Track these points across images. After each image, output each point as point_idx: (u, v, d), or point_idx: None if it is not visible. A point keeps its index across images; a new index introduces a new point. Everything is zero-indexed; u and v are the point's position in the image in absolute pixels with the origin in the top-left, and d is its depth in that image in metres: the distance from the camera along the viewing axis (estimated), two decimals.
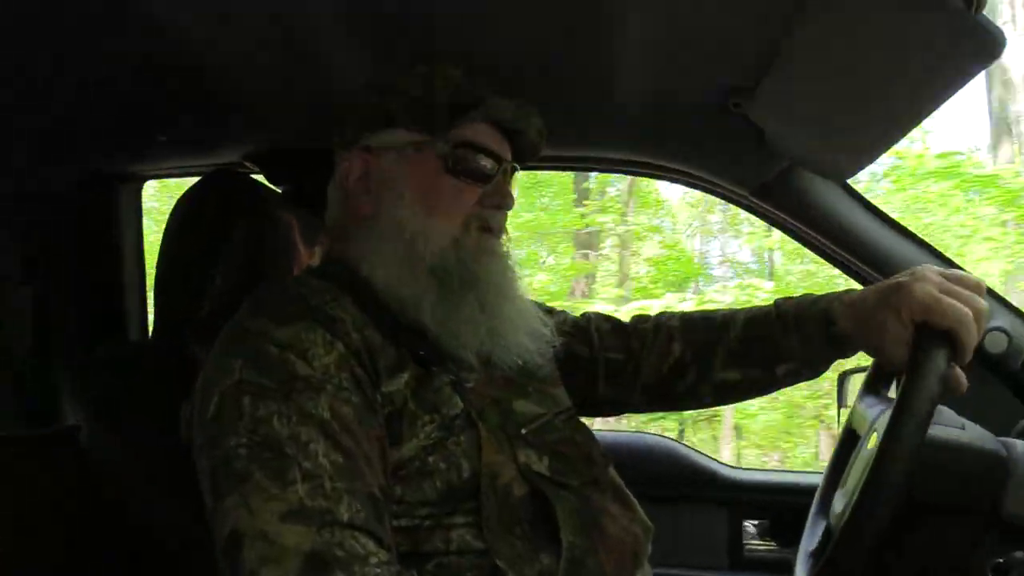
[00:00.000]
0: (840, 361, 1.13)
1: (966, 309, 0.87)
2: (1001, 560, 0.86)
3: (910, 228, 1.38)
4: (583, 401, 1.12)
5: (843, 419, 1.99)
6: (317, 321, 0.84)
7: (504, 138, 1.00)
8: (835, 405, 1.51)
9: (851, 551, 0.80)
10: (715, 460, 1.63)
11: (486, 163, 0.96)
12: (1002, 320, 1.29)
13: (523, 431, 0.93)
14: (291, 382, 0.80)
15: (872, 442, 1.09)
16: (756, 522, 1.54)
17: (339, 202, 1.00)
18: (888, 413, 1.08)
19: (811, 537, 1.08)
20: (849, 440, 1.24)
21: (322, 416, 0.78)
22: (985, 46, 0.85)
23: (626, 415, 1.28)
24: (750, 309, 1.13)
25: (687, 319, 1.17)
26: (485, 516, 0.84)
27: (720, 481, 1.59)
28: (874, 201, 1.39)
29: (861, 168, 1.26)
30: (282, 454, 0.76)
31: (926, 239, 1.38)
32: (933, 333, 0.87)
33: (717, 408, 6.63)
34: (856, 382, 1.95)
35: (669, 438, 1.82)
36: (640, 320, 1.21)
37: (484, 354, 0.95)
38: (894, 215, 1.39)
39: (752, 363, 1.10)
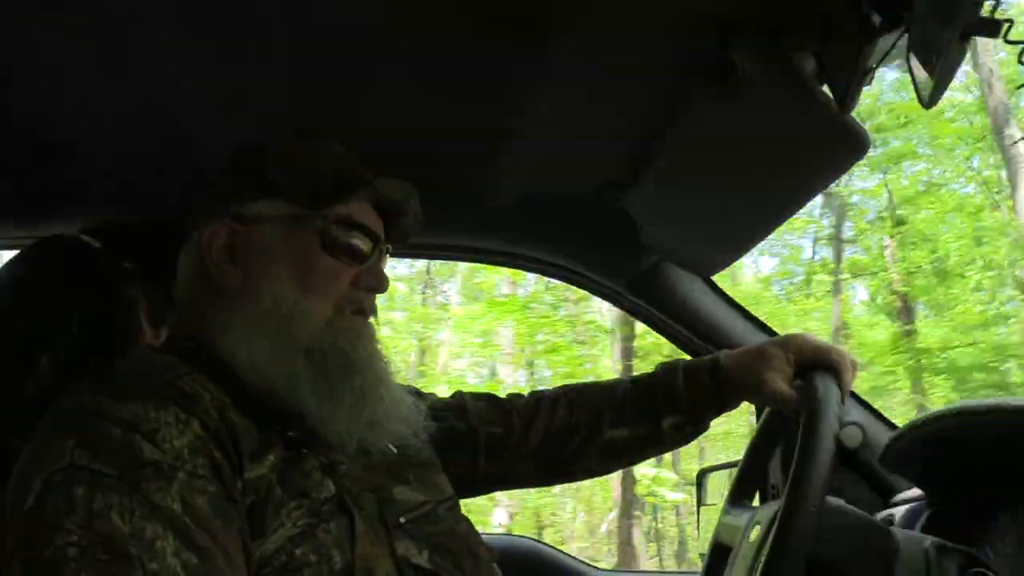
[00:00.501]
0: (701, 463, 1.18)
1: (846, 352, 1.00)
2: None
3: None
4: (464, 480, 1.07)
5: (703, 518, 2.01)
6: (168, 398, 0.74)
7: (379, 219, 0.96)
8: None
9: None
10: (585, 562, 1.58)
11: (363, 243, 0.91)
12: (857, 415, 1.35)
13: (402, 520, 0.85)
14: (136, 469, 0.68)
15: (755, 534, 1.09)
16: None
17: (194, 273, 0.90)
18: (768, 507, 1.10)
19: None
20: (718, 554, 1.24)
21: (172, 508, 0.68)
22: (855, 144, 0.90)
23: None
24: (633, 375, 1.16)
25: (570, 387, 1.17)
26: None
27: None
28: None
29: (729, 263, 1.30)
30: (122, 555, 0.64)
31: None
32: (824, 370, 0.94)
33: None
34: (714, 480, 1.98)
35: (533, 539, 1.75)
36: (516, 396, 1.18)
37: (361, 441, 0.87)
38: None
39: (639, 418, 1.10)
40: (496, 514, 8.73)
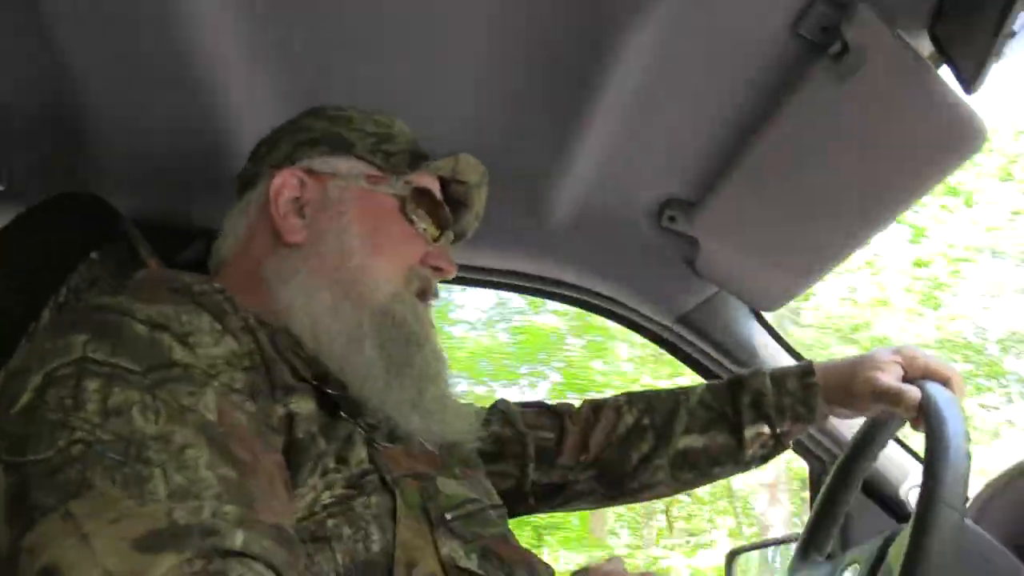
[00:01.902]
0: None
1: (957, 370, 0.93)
2: None
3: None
4: (513, 494, 0.98)
5: None
6: (202, 306, 0.64)
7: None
8: None
9: None
10: None
11: (439, 218, 0.88)
12: None
13: (448, 516, 0.72)
14: (164, 368, 0.57)
15: (851, 573, 0.96)
16: None
17: (252, 227, 0.83)
18: (865, 545, 0.98)
19: None
20: None
21: (206, 416, 0.56)
22: (972, 134, 0.85)
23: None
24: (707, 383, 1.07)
25: (636, 393, 1.07)
26: None
27: None
28: None
29: (794, 295, 1.23)
30: (142, 459, 0.52)
31: None
32: (939, 382, 0.86)
33: None
34: (745, 562, 1.84)
35: None
36: (567, 404, 1.09)
37: (409, 424, 0.77)
38: None
39: (718, 426, 1.00)
40: None
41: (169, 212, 1.14)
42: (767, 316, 1.32)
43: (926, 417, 0.80)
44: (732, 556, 1.85)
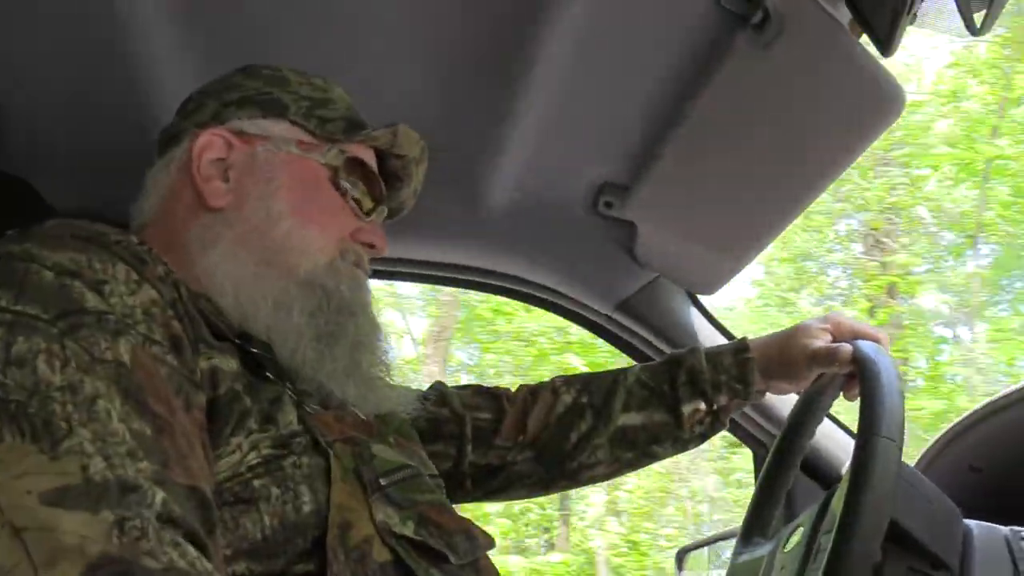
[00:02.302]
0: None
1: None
2: None
3: None
4: (450, 477, 0.96)
5: None
6: (116, 255, 0.60)
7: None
8: None
9: None
10: None
11: (372, 192, 0.84)
12: None
13: (383, 482, 0.69)
14: (74, 315, 0.53)
15: (796, 537, 0.96)
16: None
17: (171, 190, 0.78)
18: (810, 509, 0.98)
19: None
20: None
21: (121, 362, 0.53)
22: (891, 99, 0.87)
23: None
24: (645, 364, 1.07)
25: (573, 375, 1.06)
26: None
27: None
28: None
29: (731, 276, 1.24)
30: (47, 410, 0.48)
31: None
32: (872, 343, 0.85)
33: None
34: (694, 561, 1.83)
35: None
36: (504, 388, 1.07)
37: (346, 394, 0.75)
38: None
39: (655, 403, 1.00)
40: None
41: (97, 200, 1.09)
42: (704, 301, 1.33)
43: (859, 366, 0.81)
44: (681, 555, 1.85)
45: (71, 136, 1.04)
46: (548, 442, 1.00)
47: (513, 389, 1.07)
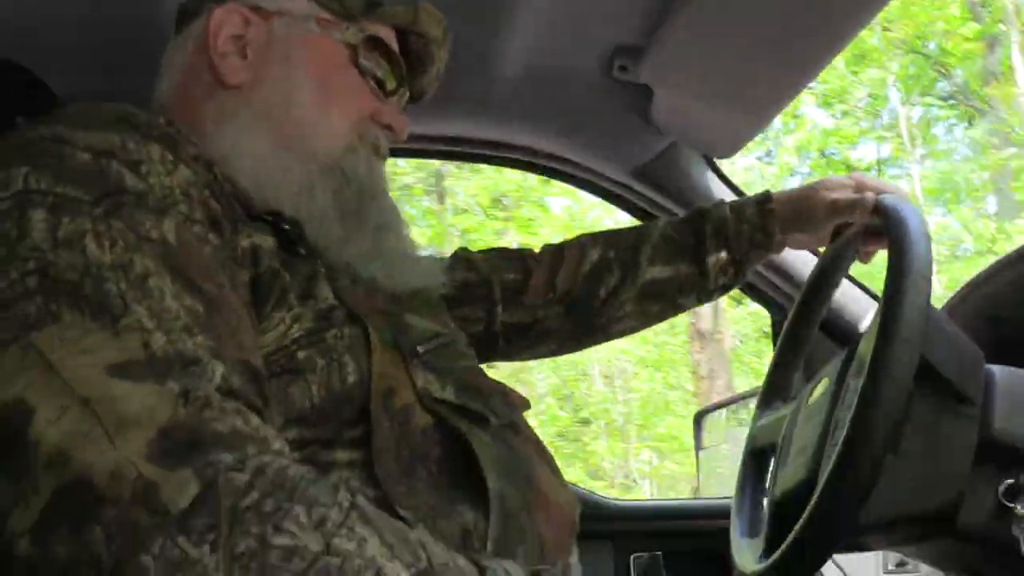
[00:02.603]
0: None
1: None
2: (1012, 481, 0.74)
3: None
4: (482, 339, 0.97)
5: (702, 462, 1.89)
6: (149, 136, 0.59)
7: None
8: None
9: (866, 449, 0.62)
10: (597, 494, 1.45)
11: (393, 72, 0.82)
12: None
13: (420, 349, 0.70)
14: (115, 195, 0.53)
15: (820, 389, 0.98)
16: (642, 554, 1.35)
17: (188, 66, 0.76)
18: (834, 361, 0.99)
19: (747, 523, 0.94)
20: (755, 460, 1.12)
21: (168, 242, 0.52)
22: None
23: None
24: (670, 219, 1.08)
25: (598, 232, 1.07)
26: (377, 448, 0.60)
27: (605, 514, 1.40)
28: None
29: (748, 139, 1.22)
30: (102, 290, 0.48)
31: None
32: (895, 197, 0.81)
33: None
34: (711, 423, 1.88)
35: None
36: (528, 248, 1.08)
37: (371, 273, 0.75)
38: None
39: (682, 255, 1.01)
40: None
41: (98, 87, 1.06)
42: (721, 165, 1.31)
43: (884, 212, 0.79)
44: (699, 417, 1.90)
45: (70, 18, 1.00)
46: (577, 298, 1.02)
47: (537, 249, 1.07)
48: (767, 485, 1.06)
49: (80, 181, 0.52)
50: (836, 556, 1.25)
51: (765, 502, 0.93)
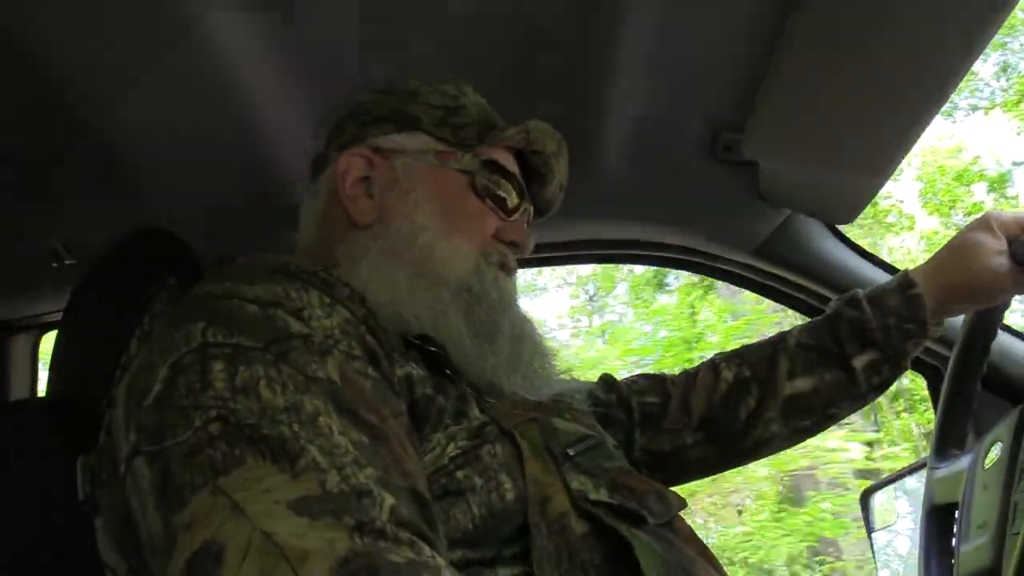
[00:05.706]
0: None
1: None
2: None
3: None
4: None
5: (878, 544, 1.74)
6: (307, 283, 0.64)
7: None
8: None
9: None
10: None
11: (512, 192, 0.86)
12: None
13: (570, 452, 0.71)
14: (282, 341, 0.58)
15: (993, 454, 0.91)
16: None
17: (322, 212, 0.84)
18: (1003, 422, 0.92)
19: None
20: (937, 517, 1.04)
21: (332, 381, 0.56)
22: None
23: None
24: (802, 324, 1.02)
25: (731, 351, 1.03)
26: (538, 560, 0.60)
27: None
28: None
29: (867, 202, 1.19)
30: (278, 432, 0.52)
31: None
32: None
33: None
34: (882, 500, 1.74)
35: None
36: (667, 373, 1.07)
37: (514, 385, 0.77)
38: None
39: (823, 364, 0.95)
40: None
41: (234, 241, 1.17)
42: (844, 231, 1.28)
43: None
44: (866, 496, 1.76)
45: (201, 184, 1.13)
46: (718, 422, 0.98)
47: (673, 374, 1.06)
48: (952, 553, 0.98)
49: (252, 331, 0.58)
50: None
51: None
